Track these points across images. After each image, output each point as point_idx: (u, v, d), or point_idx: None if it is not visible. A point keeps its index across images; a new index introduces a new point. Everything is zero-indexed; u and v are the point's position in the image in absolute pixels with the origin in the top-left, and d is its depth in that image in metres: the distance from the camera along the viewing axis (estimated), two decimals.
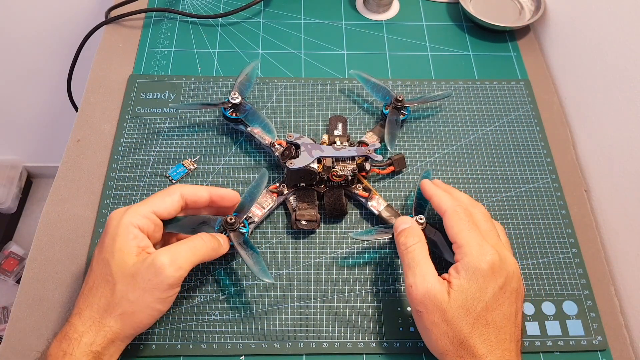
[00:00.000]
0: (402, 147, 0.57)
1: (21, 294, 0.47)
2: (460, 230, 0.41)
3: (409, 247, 0.42)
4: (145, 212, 0.41)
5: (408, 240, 0.43)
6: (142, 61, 0.64)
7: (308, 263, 0.49)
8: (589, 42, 0.58)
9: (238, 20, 0.69)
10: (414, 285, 0.40)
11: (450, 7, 0.72)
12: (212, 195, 0.44)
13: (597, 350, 0.46)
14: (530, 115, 0.60)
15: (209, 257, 0.42)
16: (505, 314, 0.39)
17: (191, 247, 0.40)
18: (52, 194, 0.53)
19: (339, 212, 0.51)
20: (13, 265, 1.30)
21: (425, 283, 0.39)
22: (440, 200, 0.44)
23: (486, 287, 0.39)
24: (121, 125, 0.57)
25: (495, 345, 0.38)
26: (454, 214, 0.42)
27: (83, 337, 0.37)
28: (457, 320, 0.38)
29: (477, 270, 0.39)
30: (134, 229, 0.40)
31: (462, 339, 0.38)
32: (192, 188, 0.44)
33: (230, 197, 0.45)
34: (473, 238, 0.40)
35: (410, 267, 0.41)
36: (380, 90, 0.57)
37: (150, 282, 0.38)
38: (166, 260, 0.38)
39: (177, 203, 0.43)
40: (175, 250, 0.39)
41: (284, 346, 0.45)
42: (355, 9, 0.71)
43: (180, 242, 0.41)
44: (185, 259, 0.39)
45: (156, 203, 0.42)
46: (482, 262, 0.39)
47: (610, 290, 0.50)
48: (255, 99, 0.60)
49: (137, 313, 0.38)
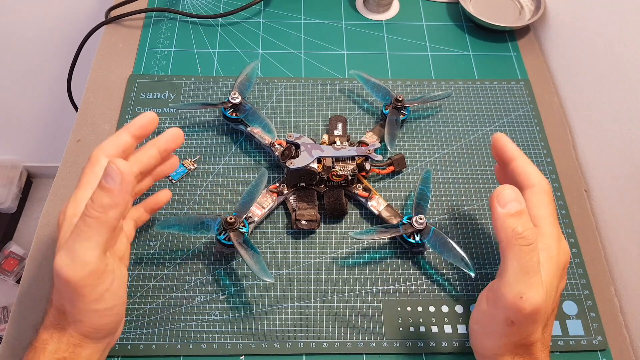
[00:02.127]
0: (402, 147, 0.57)
1: (21, 294, 0.47)
2: (547, 215, 0.36)
3: (533, 243, 0.33)
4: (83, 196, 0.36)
5: (529, 234, 0.33)
6: (142, 61, 0.64)
7: (308, 263, 0.49)
8: (589, 42, 0.58)
9: (238, 20, 0.69)
10: (526, 298, 0.32)
11: (450, 7, 0.72)
12: (131, 132, 0.39)
13: (597, 350, 0.46)
14: (530, 115, 0.60)
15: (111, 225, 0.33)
16: (555, 315, 0.38)
17: (86, 235, 0.32)
18: (52, 194, 0.53)
19: (339, 212, 0.51)
20: (13, 265, 1.30)
21: (539, 297, 0.33)
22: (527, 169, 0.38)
23: (557, 287, 0.36)
24: (121, 125, 0.57)
25: (545, 347, 0.36)
26: (545, 195, 0.37)
27: (47, 346, 0.35)
28: (536, 328, 0.35)
29: (557, 267, 0.35)
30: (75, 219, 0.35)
31: (532, 343, 0.35)
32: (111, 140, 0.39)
33: (149, 118, 0.40)
34: (557, 229, 0.36)
35: (528, 272, 0.33)
36: (380, 90, 0.57)
37: (66, 292, 0.34)
38: (65, 262, 0.32)
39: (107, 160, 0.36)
40: (70, 247, 0.33)
41: (284, 346, 0.45)
42: (355, 9, 0.71)
43: (73, 232, 0.33)
44: (85, 252, 0.32)
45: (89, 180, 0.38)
46: (561, 259, 0.36)
47: (610, 290, 0.50)
48: (255, 99, 0.60)
49: (84, 320, 0.35)
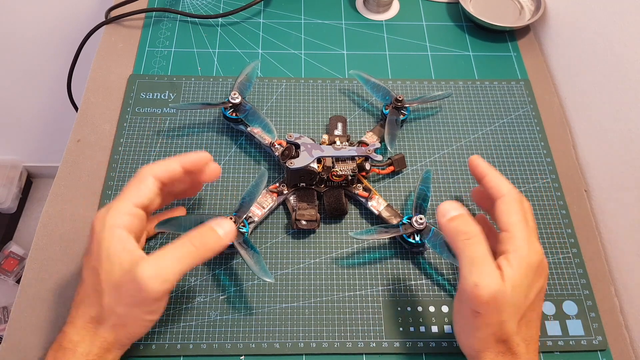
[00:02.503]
0: (402, 147, 0.57)
1: (21, 294, 0.47)
2: (517, 220, 0.38)
3: (473, 237, 0.37)
4: (126, 208, 0.38)
5: (469, 230, 0.37)
6: (142, 61, 0.64)
7: (308, 263, 0.49)
8: (589, 42, 0.58)
9: (238, 20, 0.69)
10: (480, 285, 0.35)
11: (450, 7, 0.72)
12: (183, 164, 0.41)
13: (597, 350, 0.46)
14: (530, 115, 0.60)
15: (205, 259, 0.39)
16: (539, 314, 0.39)
17: (179, 257, 0.37)
18: (52, 194, 0.53)
19: (339, 212, 0.51)
20: (13, 265, 1.30)
21: (493, 284, 0.35)
22: (497, 182, 0.41)
23: (533, 285, 0.37)
24: (121, 125, 0.57)
25: (530, 344, 0.37)
26: (513, 202, 0.39)
27: (78, 347, 0.36)
28: (509, 319, 0.36)
29: (529, 266, 0.37)
30: (119, 230, 0.37)
31: (508, 336, 0.36)
32: (162, 164, 0.41)
33: (201, 157, 0.42)
34: (527, 232, 0.38)
35: (474, 263, 0.36)
36: (380, 90, 0.57)
37: (134, 298, 0.36)
38: (150, 273, 0.35)
39: (153, 187, 0.40)
40: (160, 262, 0.36)
41: (284, 346, 0.45)
42: (355, 9, 0.71)
43: (167, 249, 0.37)
44: (171, 271, 0.36)
45: (133, 195, 0.39)
46: (534, 258, 0.37)
47: (610, 290, 0.50)
48: (255, 99, 0.60)
49: (128, 325, 0.37)
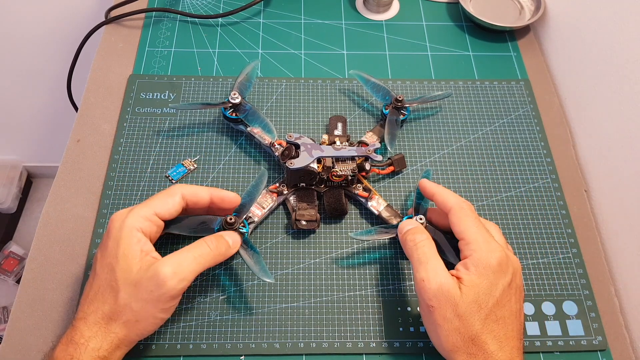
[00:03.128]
0: (402, 147, 0.57)
1: (21, 294, 0.47)
2: (468, 226, 0.41)
3: (418, 242, 0.42)
4: (147, 214, 0.41)
5: (416, 237, 0.43)
6: (142, 61, 0.64)
7: (308, 263, 0.49)
8: (589, 42, 0.58)
9: (238, 20, 0.69)
10: (426, 279, 0.39)
11: (450, 7, 0.72)
12: (212, 196, 0.44)
13: (597, 350, 0.46)
14: (530, 115, 0.60)
15: (216, 263, 0.41)
16: (513, 311, 0.39)
17: (196, 257, 0.39)
18: (52, 194, 0.53)
19: (339, 212, 0.51)
20: (13, 265, 1.30)
21: (437, 277, 0.39)
22: (445, 197, 0.44)
23: (496, 283, 0.39)
24: (121, 125, 0.57)
25: (504, 342, 0.38)
26: (461, 210, 0.42)
27: (90, 342, 0.37)
28: (470, 316, 0.38)
29: (488, 266, 0.39)
30: (137, 232, 0.39)
31: (474, 335, 0.37)
32: (193, 189, 0.44)
33: (231, 199, 0.45)
34: (480, 234, 0.41)
35: (421, 262, 0.40)
36: (380, 90, 0.57)
37: (152, 293, 0.37)
38: (168, 272, 0.37)
39: (178, 204, 0.43)
40: (178, 261, 0.39)
41: (284, 346, 0.45)
42: (355, 9, 0.71)
43: (184, 250, 0.40)
44: (189, 270, 0.39)
45: (158, 204, 0.42)
46: (492, 258, 0.39)
47: (610, 290, 0.50)
48: (255, 99, 0.60)
49: (141, 321, 0.38)
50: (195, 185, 0.45)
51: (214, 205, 0.45)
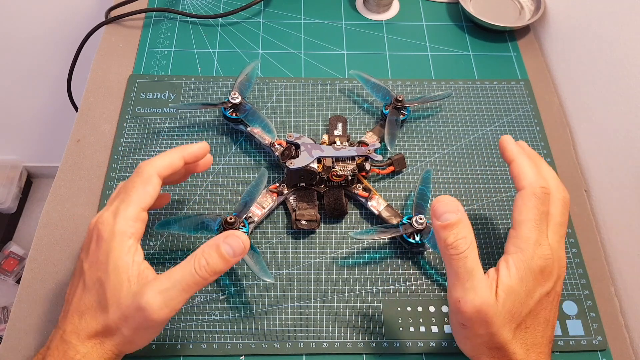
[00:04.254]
0: (402, 147, 0.57)
1: (21, 294, 0.47)
2: (528, 219, 0.37)
3: (462, 252, 0.35)
4: (134, 213, 0.38)
5: (460, 243, 0.35)
6: (142, 61, 0.64)
7: (308, 263, 0.49)
8: (589, 42, 0.58)
9: (238, 20, 0.69)
10: (462, 300, 0.35)
11: (450, 7, 0.72)
12: (186, 157, 0.41)
13: (597, 350, 0.46)
14: (530, 115, 0.60)
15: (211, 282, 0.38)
16: (546, 319, 0.37)
17: (184, 287, 0.35)
18: (52, 194, 0.53)
19: (339, 212, 0.51)
20: (13, 265, 1.30)
21: (477, 299, 0.34)
22: (523, 170, 0.38)
23: (534, 291, 0.36)
24: (121, 125, 0.57)
25: (531, 349, 0.36)
26: (531, 197, 0.37)
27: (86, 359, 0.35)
28: (502, 329, 0.35)
29: (529, 271, 0.35)
30: (129, 240, 0.37)
31: (503, 344, 0.35)
32: (165, 159, 0.40)
33: (203, 148, 0.42)
34: (536, 233, 0.36)
35: (460, 277, 0.35)
36: (380, 90, 0.57)
37: (140, 324, 0.35)
38: (157, 304, 0.35)
39: (158, 187, 0.39)
40: (167, 291, 0.35)
41: (284, 346, 0.45)
42: (355, 9, 0.71)
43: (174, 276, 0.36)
44: (177, 301, 0.35)
45: (140, 198, 0.38)
46: (536, 263, 0.36)
47: (610, 290, 0.50)
48: (255, 99, 0.60)
49: (134, 342, 0.37)
50: (164, 155, 0.41)
51: (189, 164, 0.43)
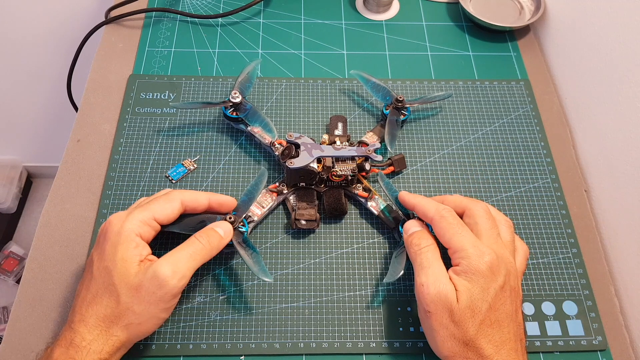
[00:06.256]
0: (402, 147, 0.57)
1: (21, 294, 0.47)
2: (452, 234, 0.41)
3: (422, 248, 0.42)
4: (146, 218, 0.41)
5: (421, 242, 0.43)
6: (142, 61, 0.64)
7: (308, 263, 0.49)
8: (589, 42, 0.58)
9: (238, 20, 0.69)
10: (425, 285, 0.39)
11: (450, 7, 0.72)
12: (211, 201, 0.45)
13: (597, 350, 0.46)
14: (530, 115, 0.60)
15: (211, 256, 0.42)
16: (508, 313, 0.39)
17: (191, 253, 0.40)
18: (52, 194, 0.53)
19: (339, 212, 0.51)
20: (13, 265, 1.30)
21: (437, 283, 0.39)
22: (424, 207, 0.44)
23: (488, 288, 0.39)
24: (121, 125, 0.57)
25: (500, 345, 0.38)
26: (442, 220, 0.42)
27: (92, 345, 0.37)
28: (465, 321, 0.38)
29: (477, 272, 0.39)
30: (136, 237, 0.40)
31: (469, 340, 0.38)
32: (192, 194, 0.44)
33: (229, 203, 0.46)
34: (466, 240, 0.40)
35: (422, 267, 0.41)
36: (380, 90, 0.57)
37: (154, 294, 0.38)
38: (168, 271, 0.38)
39: (177, 210, 0.43)
40: (175, 259, 0.39)
41: (284, 346, 0.45)
42: (355, 9, 0.71)
43: (179, 249, 0.40)
44: (186, 267, 0.39)
45: (157, 209, 0.42)
46: (481, 263, 0.39)
47: (610, 290, 0.50)
48: (255, 99, 0.60)
49: (143, 323, 0.39)
50: (194, 191, 0.45)
51: (212, 210, 0.46)
